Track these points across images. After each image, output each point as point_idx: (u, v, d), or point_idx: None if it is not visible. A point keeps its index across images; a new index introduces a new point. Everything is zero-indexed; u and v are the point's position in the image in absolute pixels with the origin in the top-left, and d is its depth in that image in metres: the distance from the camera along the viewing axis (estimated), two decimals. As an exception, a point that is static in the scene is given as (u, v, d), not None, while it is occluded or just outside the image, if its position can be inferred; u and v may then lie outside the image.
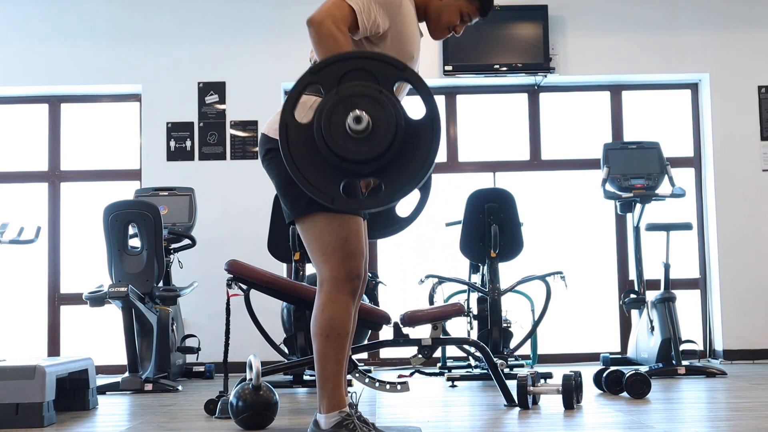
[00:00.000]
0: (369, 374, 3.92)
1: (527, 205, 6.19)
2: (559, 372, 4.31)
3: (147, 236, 5.46)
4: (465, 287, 5.65)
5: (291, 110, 2.52)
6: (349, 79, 2.49)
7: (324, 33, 2.63)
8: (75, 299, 6.47)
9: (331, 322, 2.73)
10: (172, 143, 6.69)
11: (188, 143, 6.69)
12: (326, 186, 2.50)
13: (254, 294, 4.38)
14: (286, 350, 5.11)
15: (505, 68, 6.71)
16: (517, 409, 3.85)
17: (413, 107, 2.53)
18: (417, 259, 6.76)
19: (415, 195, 2.68)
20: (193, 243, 5.90)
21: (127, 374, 5.10)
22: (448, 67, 6.68)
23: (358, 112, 2.44)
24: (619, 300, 6.48)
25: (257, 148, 2.94)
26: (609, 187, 5.92)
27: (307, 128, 2.49)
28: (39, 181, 6.90)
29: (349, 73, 2.50)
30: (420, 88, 2.52)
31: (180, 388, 5.20)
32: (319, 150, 2.48)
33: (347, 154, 2.46)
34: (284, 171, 2.67)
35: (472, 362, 5.42)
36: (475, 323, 5.44)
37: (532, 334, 5.46)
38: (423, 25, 2.99)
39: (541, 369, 5.30)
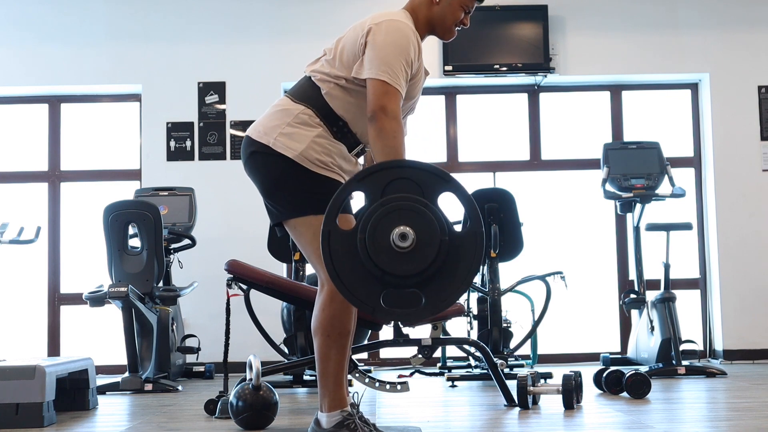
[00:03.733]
0: (369, 374, 3.92)
1: (527, 205, 6.19)
2: (559, 372, 4.31)
3: (147, 236, 5.46)
4: (465, 287, 5.64)
5: (334, 218, 2.51)
6: (393, 189, 2.49)
7: (390, 131, 2.66)
8: (75, 299, 6.47)
9: (332, 321, 2.73)
10: (172, 143, 6.69)
11: (188, 143, 6.69)
12: (367, 297, 2.49)
13: (254, 294, 4.38)
14: (286, 350, 5.11)
15: (505, 68, 6.71)
16: (517, 409, 3.85)
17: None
18: (417, 259, 6.75)
19: None
20: (193, 243, 5.90)
21: (127, 374, 5.10)
22: (448, 67, 6.67)
23: (403, 228, 2.45)
24: (619, 300, 6.48)
25: (241, 148, 2.94)
26: (609, 187, 5.92)
27: (350, 236, 2.49)
28: (39, 181, 6.90)
29: (394, 183, 2.49)
30: (465, 200, 2.53)
31: (180, 388, 5.20)
32: (361, 259, 2.47)
33: (391, 269, 2.46)
34: (269, 173, 2.71)
35: (472, 362, 5.42)
36: (475, 323, 5.44)
37: (532, 334, 5.46)
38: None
39: (541, 369, 5.29)
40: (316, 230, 2.68)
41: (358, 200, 2.67)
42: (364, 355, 6.63)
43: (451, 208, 2.59)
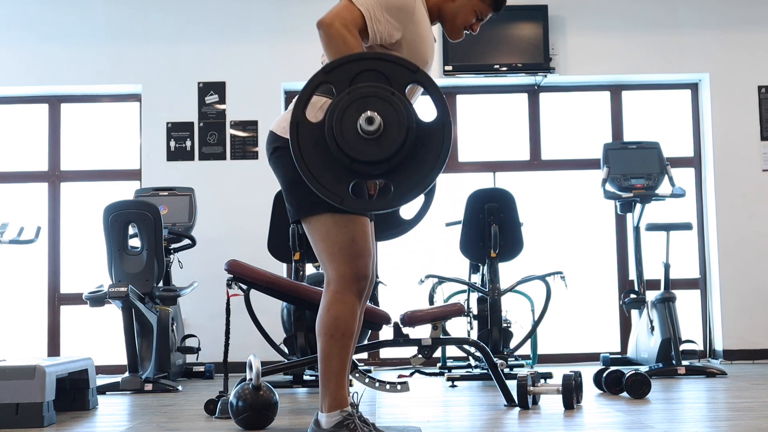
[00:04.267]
0: (369, 374, 3.92)
1: (527, 205, 6.19)
2: (559, 372, 4.31)
3: (147, 236, 5.46)
4: (465, 287, 5.65)
5: (302, 109, 2.52)
6: (361, 79, 2.50)
7: (334, 35, 2.64)
8: (75, 299, 6.47)
9: (336, 322, 2.72)
10: (172, 143, 6.69)
11: (188, 143, 6.69)
12: (335, 186, 2.50)
13: (254, 294, 4.38)
14: (286, 350, 5.11)
15: (505, 68, 6.71)
16: (517, 409, 3.85)
17: (426, 110, 2.53)
18: (417, 259, 6.76)
19: (419, 197, 2.68)
20: (193, 243, 5.90)
21: (127, 374, 5.09)
22: (448, 67, 6.68)
23: (369, 113, 2.45)
24: (619, 300, 6.48)
25: (257, 148, 2.94)
26: (609, 187, 5.92)
27: (318, 128, 2.49)
28: (39, 181, 6.90)
29: (362, 74, 2.50)
30: (432, 91, 2.52)
31: (180, 388, 5.20)
32: (330, 150, 2.48)
33: (358, 155, 2.46)
34: (291, 170, 2.67)
35: (472, 362, 5.42)
36: (475, 323, 5.44)
37: (532, 334, 5.46)
38: (436, 30, 2.99)
39: (541, 369, 5.30)
40: (329, 228, 2.68)
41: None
42: (364, 355, 6.63)
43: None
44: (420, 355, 4.00)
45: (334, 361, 2.74)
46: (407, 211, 3.05)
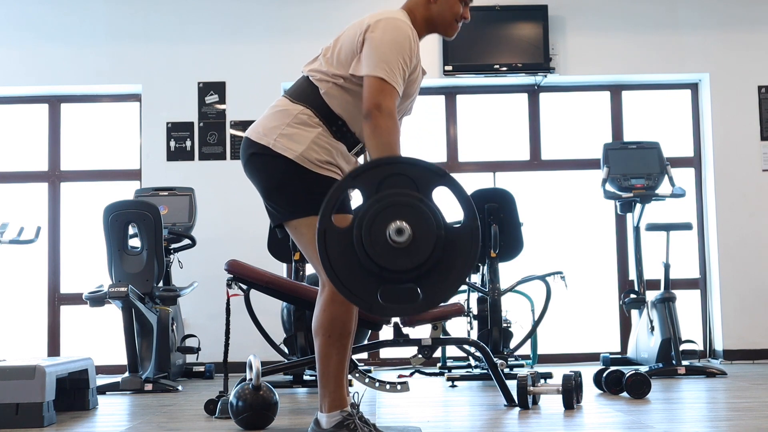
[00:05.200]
0: (369, 374, 3.92)
1: (527, 205, 6.19)
2: (559, 372, 4.31)
3: (147, 236, 5.46)
4: (465, 287, 5.65)
5: (329, 216, 2.50)
6: (388, 185, 2.48)
7: (383, 127, 2.66)
8: (75, 299, 6.47)
9: (333, 322, 2.73)
10: (172, 143, 6.69)
11: (188, 143, 6.69)
12: (364, 293, 2.49)
13: (254, 294, 4.38)
14: (286, 350, 5.11)
15: (505, 68, 6.71)
16: (517, 409, 3.85)
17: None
18: (417, 259, 6.75)
19: None
20: (193, 243, 5.90)
21: (127, 374, 5.10)
22: (448, 67, 6.67)
23: (399, 223, 2.44)
24: (619, 300, 6.48)
25: (241, 149, 2.94)
26: (609, 187, 5.92)
27: (346, 234, 2.48)
28: (39, 181, 6.90)
29: (388, 179, 2.49)
30: (460, 196, 2.52)
31: (180, 388, 5.20)
32: (358, 256, 2.46)
33: (387, 265, 2.45)
34: (270, 175, 2.70)
35: (472, 362, 5.42)
36: (475, 323, 5.44)
37: (532, 334, 5.46)
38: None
39: (541, 369, 5.29)
40: (315, 231, 2.67)
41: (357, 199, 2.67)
42: (364, 355, 6.63)
43: (449, 207, 2.59)
44: (420, 355, 4.00)
45: (332, 362, 2.74)
46: None
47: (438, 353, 5.73)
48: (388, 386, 3.82)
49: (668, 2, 6.84)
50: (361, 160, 2.96)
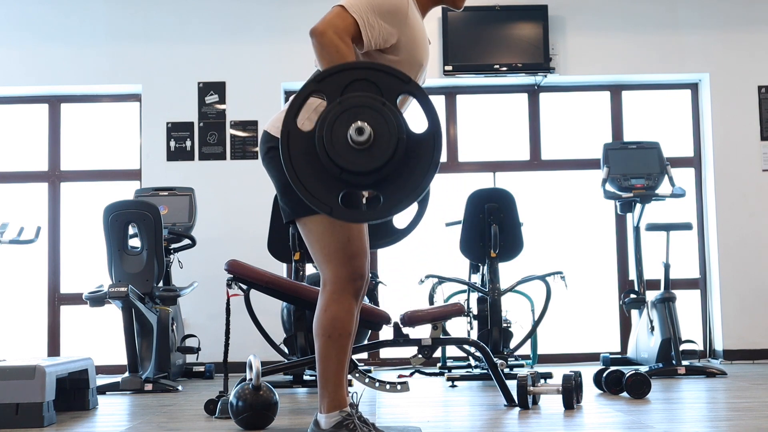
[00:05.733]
0: (369, 374, 3.92)
1: (527, 205, 6.19)
2: (559, 372, 4.31)
3: (147, 236, 5.46)
4: (465, 287, 5.65)
5: (293, 118, 2.51)
6: (352, 89, 2.49)
7: (326, 43, 2.63)
8: (75, 299, 6.47)
9: (334, 323, 2.72)
10: (172, 143, 6.69)
11: (188, 143, 6.69)
12: (325, 196, 2.49)
13: (254, 294, 4.38)
14: (286, 350, 5.11)
15: (505, 68, 6.71)
16: (517, 409, 3.85)
17: (417, 118, 2.53)
18: (417, 259, 6.76)
19: (412, 206, 2.67)
20: (193, 243, 5.90)
21: (127, 374, 5.10)
22: (448, 67, 6.67)
23: (360, 123, 2.44)
24: (619, 300, 6.48)
25: (257, 148, 2.94)
26: (609, 187, 5.92)
27: (309, 136, 2.49)
28: (39, 181, 6.90)
29: (353, 84, 2.49)
30: (423, 102, 2.52)
31: (180, 388, 5.20)
32: (320, 159, 2.47)
33: (348, 165, 2.45)
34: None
35: (472, 362, 5.42)
36: (475, 323, 5.44)
37: (532, 334, 5.46)
38: (435, 31, 2.98)
39: (541, 369, 5.30)
40: (324, 229, 2.68)
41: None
42: (364, 355, 6.63)
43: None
44: (420, 355, 4.00)
45: (332, 362, 2.74)
46: (400, 219, 3.05)
47: (438, 353, 5.73)
48: (388, 386, 3.82)
49: (668, 2, 6.84)
50: None
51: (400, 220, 3.07)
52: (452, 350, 5.98)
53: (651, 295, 5.80)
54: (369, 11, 2.69)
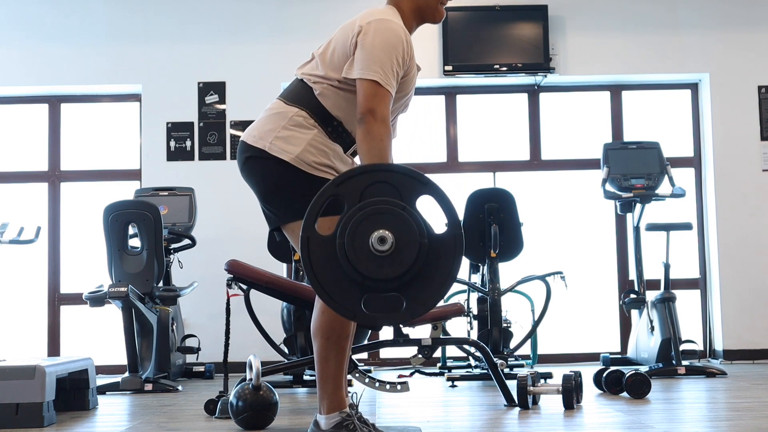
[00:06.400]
0: (369, 374, 3.92)
1: (527, 205, 6.19)
2: (559, 372, 4.31)
3: (147, 236, 5.46)
4: (465, 287, 5.65)
5: (312, 224, 2.49)
6: (371, 192, 2.48)
7: (375, 134, 2.65)
8: (75, 299, 6.47)
9: (332, 324, 2.72)
10: (172, 143, 6.69)
11: (188, 143, 6.69)
12: (348, 301, 2.48)
13: (254, 294, 4.38)
14: (286, 350, 5.11)
15: (505, 68, 6.71)
16: (517, 409, 3.85)
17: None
18: (417, 259, 6.74)
19: None
20: (193, 243, 5.90)
21: (127, 374, 5.10)
22: (448, 67, 6.67)
23: (382, 232, 2.43)
24: (619, 300, 6.48)
25: (237, 152, 2.94)
26: (609, 187, 5.92)
27: (329, 242, 2.47)
28: (39, 181, 6.90)
29: (372, 186, 2.48)
30: (443, 203, 2.51)
31: (180, 388, 5.20)
32: (341, 265, 2.46)
33: (370, 273, 2.44)
34: (265, 178, 2.70)
35: (472, 362, 5.42)
36: (475, 323, 5.44)
37: (532, 334, 5.46)
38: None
39: (541, 369, 5.29)
40: None
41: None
42: (364, 355, 6.63)
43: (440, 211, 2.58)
44: (420, 355, 4.00)
45: (330, 363, 2.74)
46: None
47: (438, 353, 5.73)
48: (388, 386, 3.82)
49: (668, 2, 6.84)
50: (357, 160, 2.96)
51: None
52: (452, 350, 5.98)
53: (651, 295, 5.80)
54: (393, 77, 2.72)
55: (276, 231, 2.90)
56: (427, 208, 2.54)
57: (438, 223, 2.59)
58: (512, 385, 4.00)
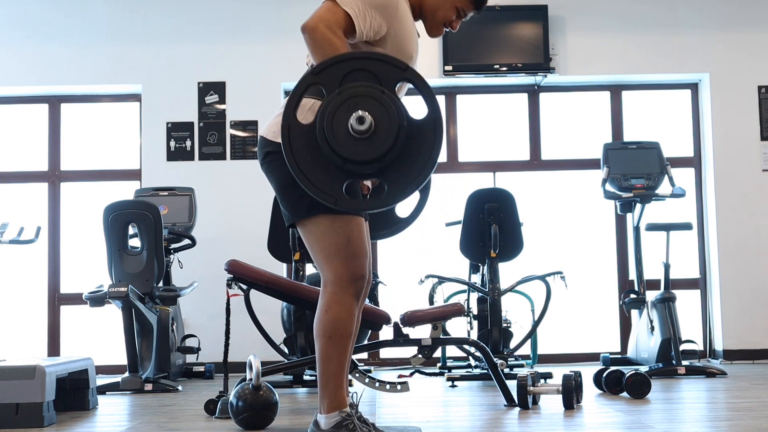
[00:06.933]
0: (369, 374, 3.92)
1: (527, 205, 6.19)
2: (559, 372, 4.31)
3: (147, 236, 5.46)
4: (465, 287, 5.65)
5: (293, 111, 2.51)
6: (350, 79, 2.49)
7: (318, 38, 2.63)
8: (75, 299, 6.47)
9: (334, 323, 2.72)
10: (172, 143, 6.69)
11: (188, 143, 6.69)
12: (329, 187, 2.49)
13: (254, 294, 4.38)
14: (286, 350, 5.11)
15: (505, 68, 6.71)
16: (517, 409, 3.85)
17: (415, 107, 2.53)
18: (417, 259, 6.76)
19: (414, 195, 2.67)
20: (193, 243, 5.90)
21: (127, 374, 5.10)
22: (448, 67, 6.68)
23: (360, 112, 2.44)
24: (619, 300, 6.48)
25: (257, 149, 2.93)
26: (609, 187, 5.92)
27: (310, 129, 2.49)
28: (39, 181, 6.90)
29: (351, 74, 2.50)
30: (422, 88, 2.52)
31: (180, 388, 5.20)
32: (322, 151, 2.48)
33: (350, 155, 2.46)
34: (284, 173, 2.67)
35: (472, 362, 5.42)
36: (475, 323, 5.44)
37: (532, 334, 5.46)
38: (420, 25, 2.98)
39: (541, 369, 5.30)
40: (324, 230, 2.68)
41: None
42: (364, 355, 6.63)
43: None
44: (420, 355, 4.00)
45: (332, 363, 2.74)
46: (403, 209, 3.05)
47: (438, 353, 5.73)
48: (388, 386, 3.82)
49: (668, 2, 6.84)
50: None
51: (403, 209, 3.07)
52: (452, 350, 5.98)
53: (651, 295, 5.80)
54: (360, 2, 2.69)
55: (292, 228, 2.89)
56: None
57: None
58: (512, 385, 4.00)
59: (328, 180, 2.49)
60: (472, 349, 5.22)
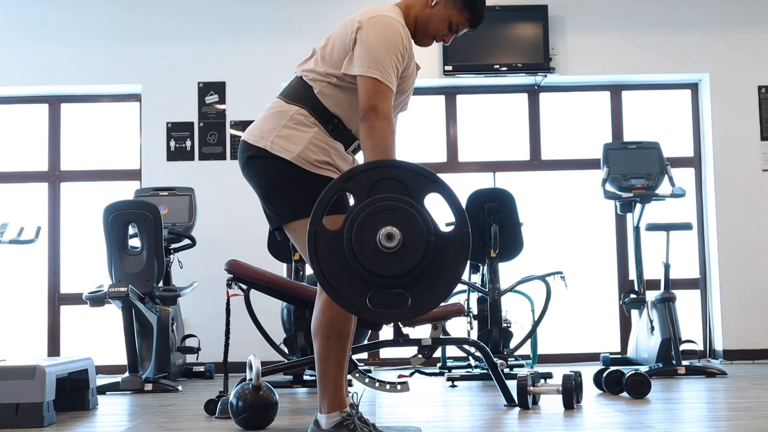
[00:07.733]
0: (369, 374, 3.92)
1: (527, 205, 6.19)
2: (559, 372, 4.32)
3: (147, 236, 5.46)
4: (465, 287, 5.65)
5: (320, 218, 2.49)
6: (380, 188, 2.48)
7: (378, 131, 2.66)
8: (75, 299, 6.47)
9: (332, 323, 2.73)
10: (172, 143, 6.69)
11: (188, 143, 6.69)
12: (353, 297, 2.49)
13: (254, 294, 4.38)
14: (286, 350, 5.11)
15: (505, 68, 6.71)
16: (517, 409, 3.85)
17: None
18: (417, 259, 6.74)
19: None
20: (193, 243, 5.90)
21: (127, 374, 5.10)
22: (448, 67, 6.67)
23: (390, 228, 2.44)
24: (619, 300, 6.48)
25: (238, 152, 2.94)
26: (609, 187, 5.92)
27: (336, 236, 2.47)
28: (39, 181, 6.90)
29: (381, 182, 2.48)
30: (452, 202, 2.52)
31: (180, 388, 5.20)
32: (348, 260, 2.46)
33: (377, 269, 2.45)
34: (267, 178, 2.70)
35: (472, 362, 5.42)
36: (475, 323, 5.44)
37: (532, 334, 5.46)
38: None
39: (541, 369, 5.30)
40: None
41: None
42: (364, 355, 6.63)
43: (441, 210, 2.58)
44: (420, 355, 4.00)
45: (331, 363, 2.74)
46: None
47: (438, 353, 5.73)
48: (388, 386, 3.82)
49: (668, 2, 6.84)
50: (358, 157, 2.95)
51: None
52: (452, 350, 5.98)
53: (651, 295, 5.80)
54: (393, 73, 2.72)
55: (277, 230, 2.89)
56: (433, 205, 2.54)
57: (443, 220, 2.59)
58: (512, 385, 4.01)
59: (353, 290, 2.48)
60: (472, 349, 5.22)
